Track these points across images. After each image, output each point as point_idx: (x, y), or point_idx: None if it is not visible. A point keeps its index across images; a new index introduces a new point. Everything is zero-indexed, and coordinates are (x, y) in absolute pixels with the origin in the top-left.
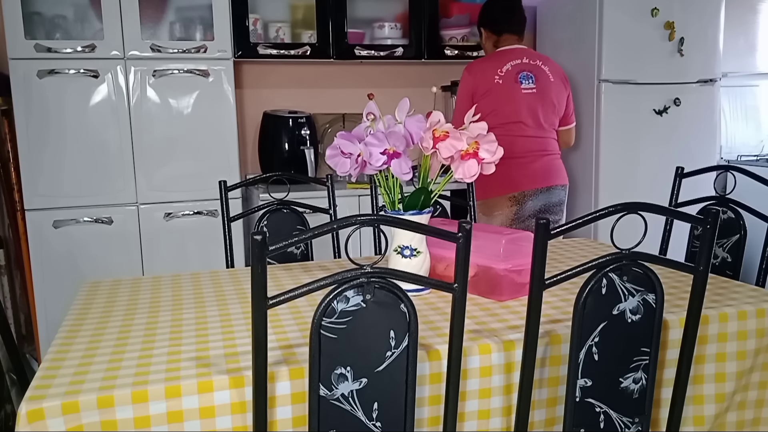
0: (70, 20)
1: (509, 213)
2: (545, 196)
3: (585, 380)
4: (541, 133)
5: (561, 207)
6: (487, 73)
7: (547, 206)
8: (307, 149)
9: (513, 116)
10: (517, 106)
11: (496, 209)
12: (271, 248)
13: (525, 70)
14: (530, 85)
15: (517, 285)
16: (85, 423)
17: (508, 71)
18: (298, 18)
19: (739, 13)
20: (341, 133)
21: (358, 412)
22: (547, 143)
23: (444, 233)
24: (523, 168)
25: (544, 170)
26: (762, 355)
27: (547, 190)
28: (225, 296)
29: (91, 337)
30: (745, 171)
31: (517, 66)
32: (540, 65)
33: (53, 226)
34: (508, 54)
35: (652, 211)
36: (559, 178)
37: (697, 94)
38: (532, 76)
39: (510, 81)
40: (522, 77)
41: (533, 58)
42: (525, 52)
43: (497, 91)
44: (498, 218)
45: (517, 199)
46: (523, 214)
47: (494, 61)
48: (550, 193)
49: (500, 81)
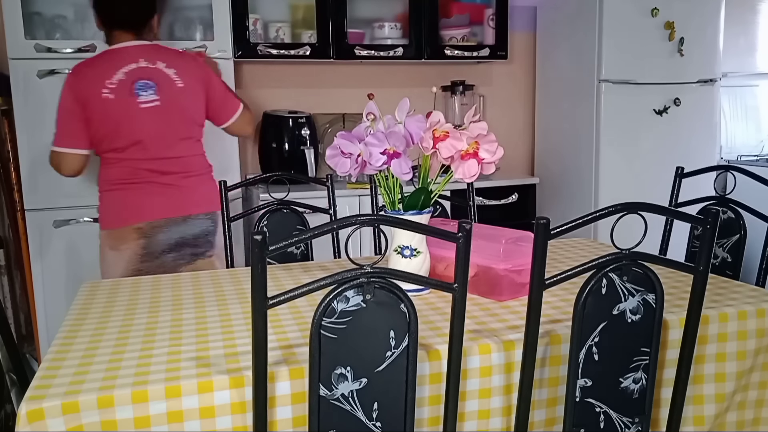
0: (70, 20)
1: (136, 247)
2: (180, 228)
3: (585, 380)
4: (172, 153)
5: (209, 238)
6: (95, 83)
7: (185, 239)
8: (307, 149)
9: (132, 137)
10: (136, 125)
11: (123, 242)
12: (271, 248)
13: (143, 77)
14: (151, 97)
15: (517, 285)
16: (85, 423)
17: (122, 81)
18: (298, 18)
19: (739, 13)
20: (341, 133)
21: (358, 412)
22: (184, 164)
23: (444, 233)
24: (149, 195)
25: (178, 197)
26: (762, 355)
27: (183, 221)
28: (225, 296)
29: (91, 337)
30: (745, 171)
31: (133, 73)
32: (163, 69)
33: (53, 226)
34: (121, 56)
35: (652, 211)
36: (201, 205)
37: (697, 94)
38: (153, 84)
39: (124, 94)
40: (139, 87)
41: (154, 59)
42: (144, 50)
43: (109, 109)
44: (126, 252)
45: (143, 231)
46: (155, 249)
47: (103, 66)
48: (188, 224)
49: (111, 95)
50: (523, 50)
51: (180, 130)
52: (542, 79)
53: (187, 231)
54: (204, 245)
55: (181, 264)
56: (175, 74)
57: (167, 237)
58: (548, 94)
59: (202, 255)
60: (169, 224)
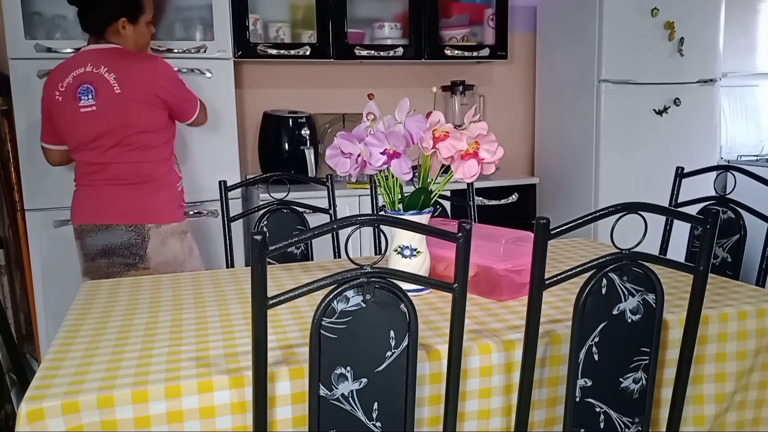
0: (70, 20)
1: (78, 246)
2: (104, 235)
3: (585, 380)
4: (104, 159)
5: (134, 251)
6: (51, 86)
7: (111, 247)
8: (307, 149)
9: (75, 140)
10: (76, 129)
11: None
12: (271, 248)
13: (86, 81)
14: (88, 102)
15: (517, 285)
16: (85, 423)
17: (69, 84)
18: (298, 18)
19: (739, 13)
20: (341, 133)
21: (358, 412)
22: (114, 170)
23: (444, 233)
24: (81, 198)
25: (104, 204)
26: (762, 355)
27: (105, 228)
28: (225, 296)
29: (91, 337)
30: (745, 171)
31: (79, 77)
32: (104, 74)
33: (53, 226)
34: (75, 61)
35: (652, 211)
36: (123, 215)
37: (697, 94)
38: (92, 89)
39: (69, 98)
40: (81, 92)
41: (99, 64)
42: (95, 54)
43: (58, 110)
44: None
45: (78, 232)
46: (89, 252)
47: (61, 69)
48: (111, 233)
49: (60, 98)
50: (523, 50)
51: (114, 135)
52: (542, 79)
53: (110, 240)
54: (131, 257)
55: (114, 272)
56: (114, 80)
57: (94, 242)
58: (548, 94)
59: (135, 266)
60: (94, 230)
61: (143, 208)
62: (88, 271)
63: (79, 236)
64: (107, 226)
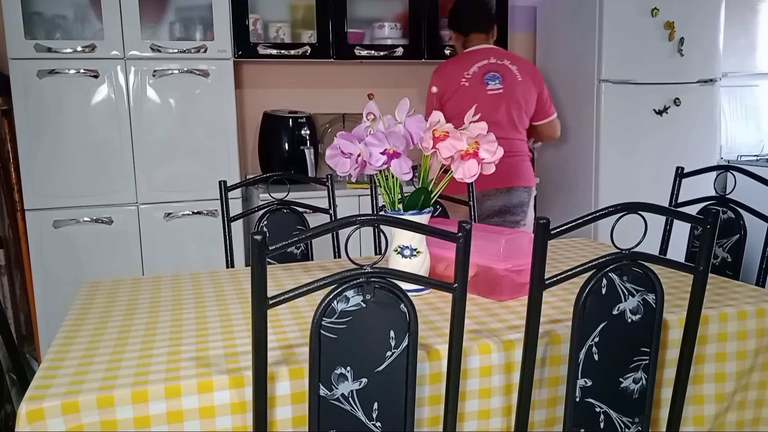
0: (70, 20)
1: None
2: (505, 196)
3: (585, 380)
4: (506, 134)
5: (523, 208)
6: (453, 76)
7: (506, 207)
8: (307, 149)
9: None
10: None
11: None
12: (271, 248)
13: (492, 70)
14: (497, 86)
15: (517, 285)
16: (85, 423)
17: (475, 73)
18: (298, 18)
19: (739, 13)
20: (341, 133)
21: (358, 412)
22: (512, 144)
23: (444, 233)
24: None
25: (505, 171)
26: (762, 355)
27: (507, 191)
28: (225, 296)
29: (91, 337)
30: (745, 171)
31: (484, 67)
32: (507, 65)
33: (53, 226)
34: (476, 55)
35: (652, 211)
36: (522, 179)
37: (697, 94)
38: (499, 76)
39: (476, 83)
40: (489, 78)
41: (501, 57)
42: (493, 51)
43: (463, 93)
44: (456, 216)
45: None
46: (481, 213)
47: (461, 62)
48: (511, 195)
49: (466, 83)
50: (523, 50)
51: (515, 115)
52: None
53: (510, 200)
54: (520, 214)
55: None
56: (517, 70)
57: (493, 204)
58: None
59: (518, 224)
60: (495, 194)
61: (528, 173)
62: None
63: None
64: (509, 189)
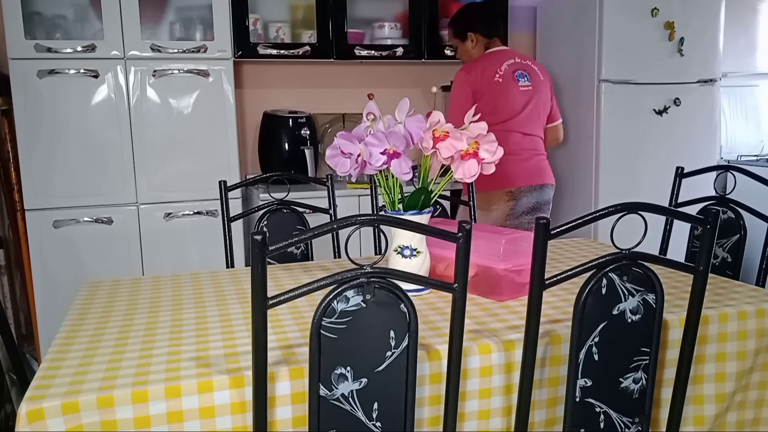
0: (70, 20)
1: (505, 208)
2: (538, 193)
3: (585, 380)
4: (534, 131)
5: (549, 206)
6: (487, 72)
7: (539, 203)
8: (307, 149)
9: (511, 113)
10: (514, 104)
11: (493, 203)
12: (271, 248)
13: (520, 68)
14: (527, 83)
15: (517, 285)
16: (85, 423)
17: (506, 70)
18: (298, 18)
19: (739, 13)
20: (341, 133)
21: (358, 412)
22: (538, 142)
23: (444, 233)
24: (519, 164)
25: (538, 168)
26: (762, 355)
27: (540, 188)
28: (225, 296)
29: (91, 337)
30: (745, 171)
31: (512, 65)
32: (530, 64)
33: (53, 226)
34: (502, 54)
35: (652, 211)
36: (549, 177)
37: (697, 94)
38: (527, 74)
39: (508, 79)
40: (518, 75)
41: (523, 58)
42: (514, 53)
43: (497, 89)
44: (495, 212)
45: (513, 195)
46: (517, 210)
47: (491, 61)
48: (542, 192)
49: (500, 80)
50: (523, 50)
51: (540, 112)
52: None
53: (541, 197)
54: (546, 211)
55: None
56: (538, 70)
57: (528, 201)
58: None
59: None
60: (531, 191)
61: (551, 171)
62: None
63: (514, 197)
64: (541, 186)
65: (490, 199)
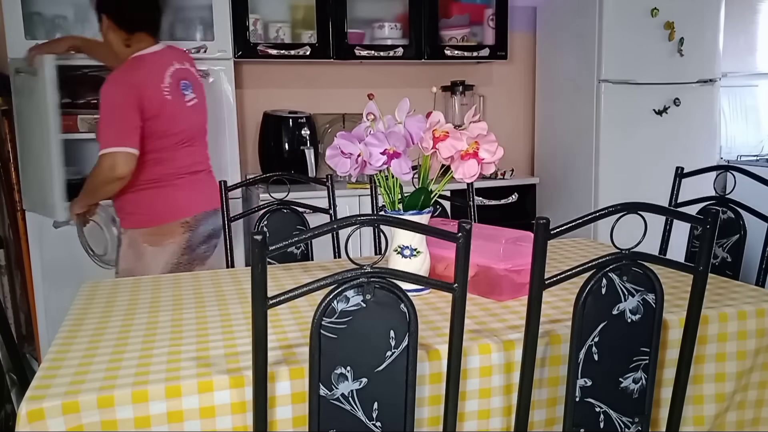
0: (70, 20)
1: (181, 240)
2: (213, 218)
3: (585, 380)
4: (203, 148)
5: (219, 231)
6: (154, 86)
7: (215, 230)
8: (307, 149)
9: (184, 133)
10: (186, 122)
11: (168, 238)
12: (271, 248)
13: (182, 77)
14: (191, 95)
15: (517, 285)
16: (85, 423)
17: (172, 82)
18: (298, 18)
19: (739, 13)
20: (341, 133)
21: (358, 411)
22: (207, 160)
23: (444, 233)
24: (194, 188)
25: (212, 190)
26: (762, 355)
27: (214, 212)
28: (225, 296)
29: (91, 337)
30: (745, 171)
31: (176, 73)
32: (189, 68)
33: (53, 226)
34: (163, 58)
35: (652, 211)
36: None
37: (697, 94)
38: (190, 84)
39: (177, 94)
40: (183, 87)
41: (182, 60)
42: (173, 52)
43: (169, 107)
44: (170, 247)
45: (189, 225)
46: (194, 241)
47: (153, 69)
48: (216, 215)
49: (169, 96)
50: (523, 50)
51: (204, 126)
52: (542, 79)
53: (216, 222)
54: (219, 238)
55: (207, 257)
56: (196, 73)
57: (206, 228)
58: (548, 94)
59: (214, 247)
60: (207, 216)
61: None
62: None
63: (190, 228)
64: (215, 210)
65: (164, 234)
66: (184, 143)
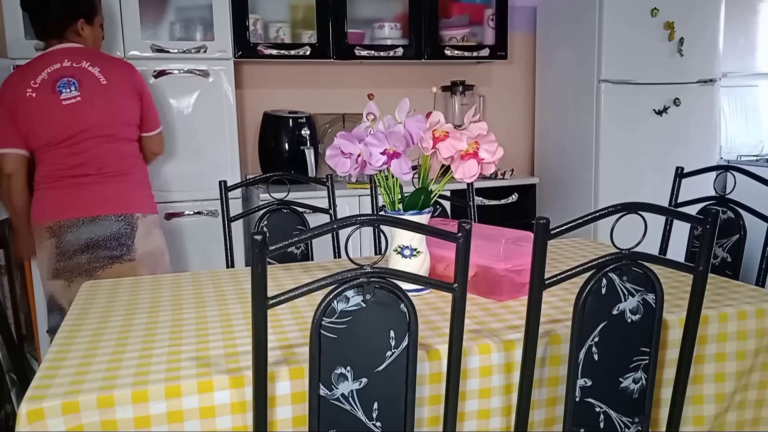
0: None
1: (49, 246)
2: (89, 228)
3: (585, 380)
4: (93, 151)
5: (123, 241)
6: (20, 86)
7: (96, 240)
8: (307, 149)
9: (53, 135)
10: (56, 122)
11: (40, 240)
12: (271, 248)
13: (66, 75)
14: (72, 94)
15: (517, 285)
16: (85, 423)
17: (44, 81)
18: (298, 18)
19: (739, 13)
20: (341, 133)
21: (358, 411)
22: (99, 163)
23: (444, 233)
24: (68, 192)
25: (89, 196)
26: (762, 355)
27: (91, 221)
28: (225, 296)
29: (91, 337)
30: (745, 171)
31: (55, 72)
32: (87, 67)
33: None
34: (47, 58)
35: (652, 211)
36: (114, 206)
37: (697, 94)
38: (75, 81)
39: (46, 92)
40: (62, 85)
41: (79, 59)
42: (70, 52)
43: (31, 106)
44: (45, 250)
45: (53, 231)
46: (66, 249)
47: (30, 69)
48: (97, 225)
49: (33, 94)
50: (523, 50)
51: (100, 127)
52: (542, 79)
53: (96, 232)
54: (118, 248)
55: (97, 267)
56: (99, 72)
57: (76, 237)
58: (548, 94)
59: (120, 258)
60: (77, 225)
61: (129, 198)
62: (63, 270)
63: (55, 234)
64: (93, 218)
65: (38, 235)
66: (60, 144)
